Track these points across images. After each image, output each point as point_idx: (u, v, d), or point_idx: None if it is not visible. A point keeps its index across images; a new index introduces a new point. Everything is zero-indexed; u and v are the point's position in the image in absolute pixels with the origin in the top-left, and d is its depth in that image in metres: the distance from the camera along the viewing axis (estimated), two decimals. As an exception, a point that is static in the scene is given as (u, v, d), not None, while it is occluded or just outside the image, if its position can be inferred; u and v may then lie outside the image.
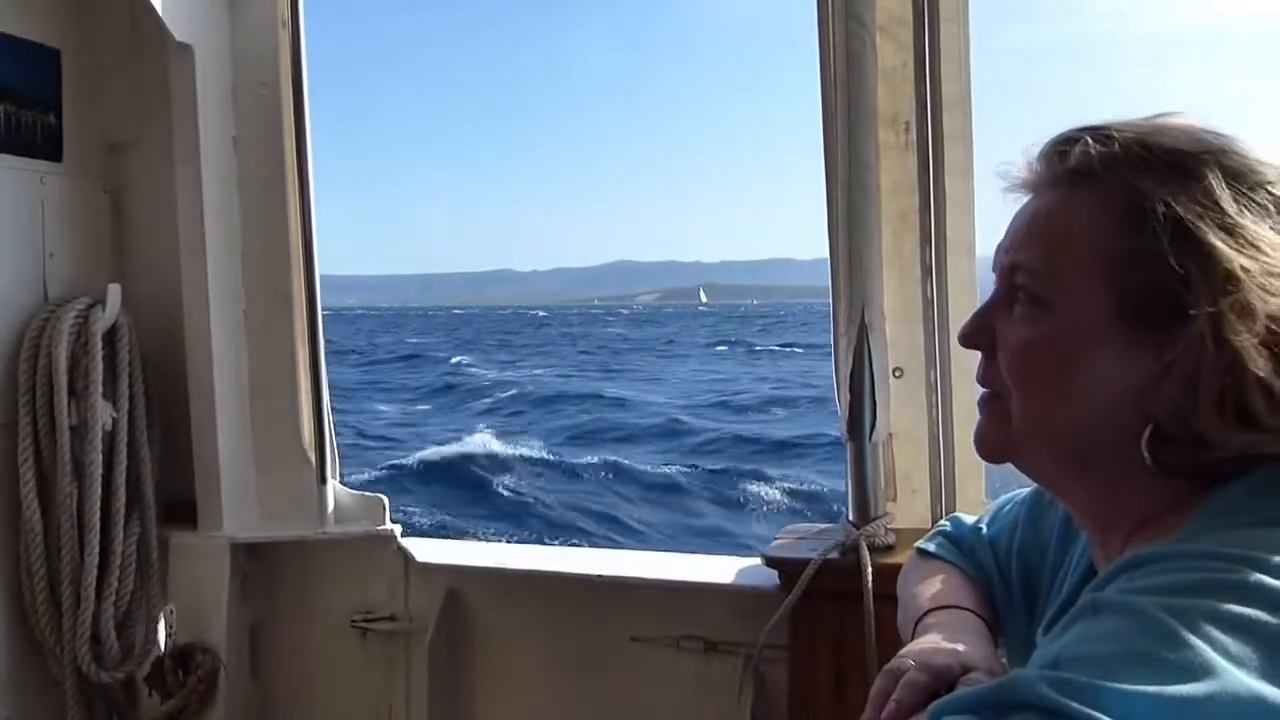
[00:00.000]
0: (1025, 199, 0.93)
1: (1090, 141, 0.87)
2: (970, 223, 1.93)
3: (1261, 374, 0.79)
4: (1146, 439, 0.83)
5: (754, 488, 14.84)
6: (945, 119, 1.91)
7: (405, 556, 2.33)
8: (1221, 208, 0.81)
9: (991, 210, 0.99)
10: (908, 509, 2.00)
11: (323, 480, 2.32)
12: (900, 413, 1.98)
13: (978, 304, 1.96)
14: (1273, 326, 0.79)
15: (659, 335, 69.50)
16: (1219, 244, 0.80)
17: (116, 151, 2.46)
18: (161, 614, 2.36)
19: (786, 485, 14.90)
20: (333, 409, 2.37)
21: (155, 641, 2.35)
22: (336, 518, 2.34)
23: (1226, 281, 0.79)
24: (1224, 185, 0.82)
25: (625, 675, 2.15)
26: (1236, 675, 0.65)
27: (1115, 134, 0.87)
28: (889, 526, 1.92)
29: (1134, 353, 0.84)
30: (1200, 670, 0.65)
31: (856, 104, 1.86)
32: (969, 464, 1.98)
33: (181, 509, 2.39)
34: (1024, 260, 0.90)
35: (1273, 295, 0.79)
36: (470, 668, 2.31)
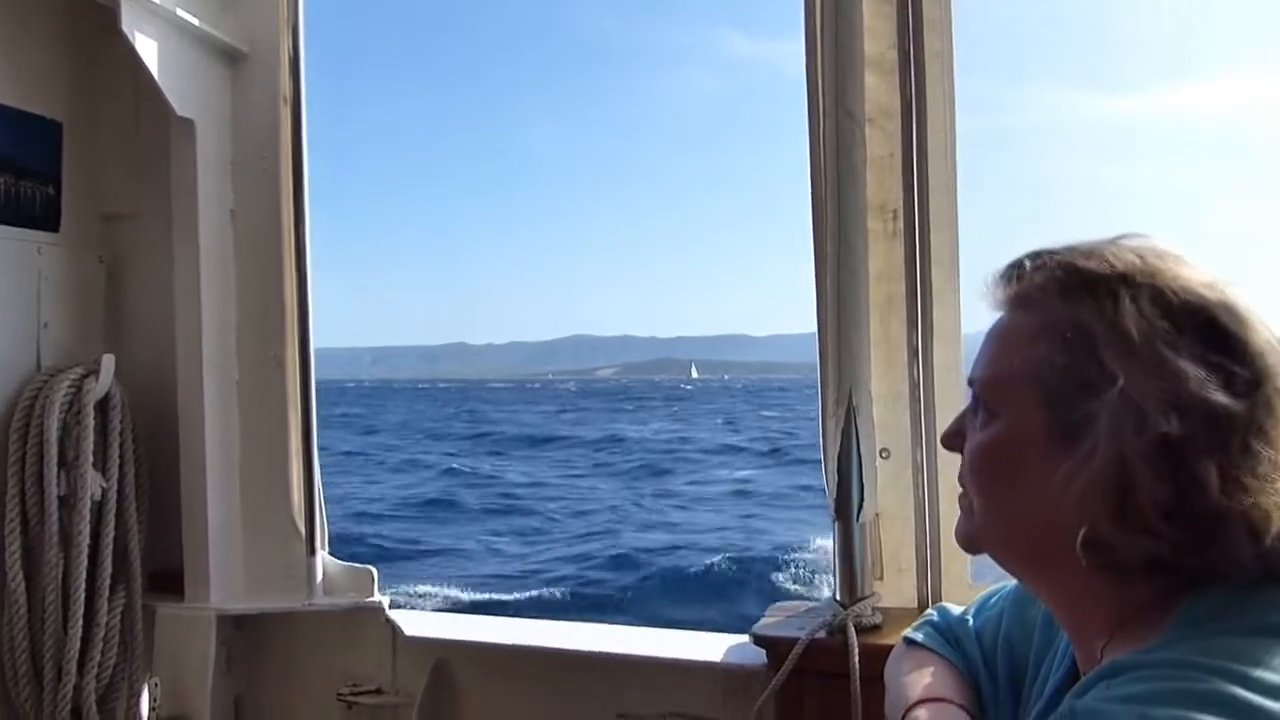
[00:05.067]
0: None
1: (1029, 268, 0.96)
2: (955, 308, 1.97)
3: (1148, 485, 0.82)
4: (1080, 543, 0.87)
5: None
6: (931, 208, 1.96)
7: (393, 629, 2.32)
8: (1127, 331, 0.86)
9: (975, 297, 1.06)
10: (894, 588, 2.02)
11: (312, 552, 2.32)
12: (887, 493, 2.01)
13: (962, 387, 2.00)
14: (1167, 443, 0.82)
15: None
16: (1118, 365, 0.85)
17: (113, 222, 2.48)
18: (145, 685, 2.33)
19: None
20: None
21: (138, 714, 2.32)
22: (325, 589, 2.33)
23: (1120, 399, 0.84)
24: (1137, 310, 0.87)
25: (612, 752, 2.14)
26: None
27: (1050, 260, 0.94)
28: (876, 606, 1.94)
29: (1065, 462, 0.88)
30: None
31: (846, 193, 1.91)
32: (955, 544, 2.00)
33: (168, 577, 2.37)
34: (979, 375, 0.98)
35: (1165, 415, 0.82)
36: (457, 743, 2.29)
